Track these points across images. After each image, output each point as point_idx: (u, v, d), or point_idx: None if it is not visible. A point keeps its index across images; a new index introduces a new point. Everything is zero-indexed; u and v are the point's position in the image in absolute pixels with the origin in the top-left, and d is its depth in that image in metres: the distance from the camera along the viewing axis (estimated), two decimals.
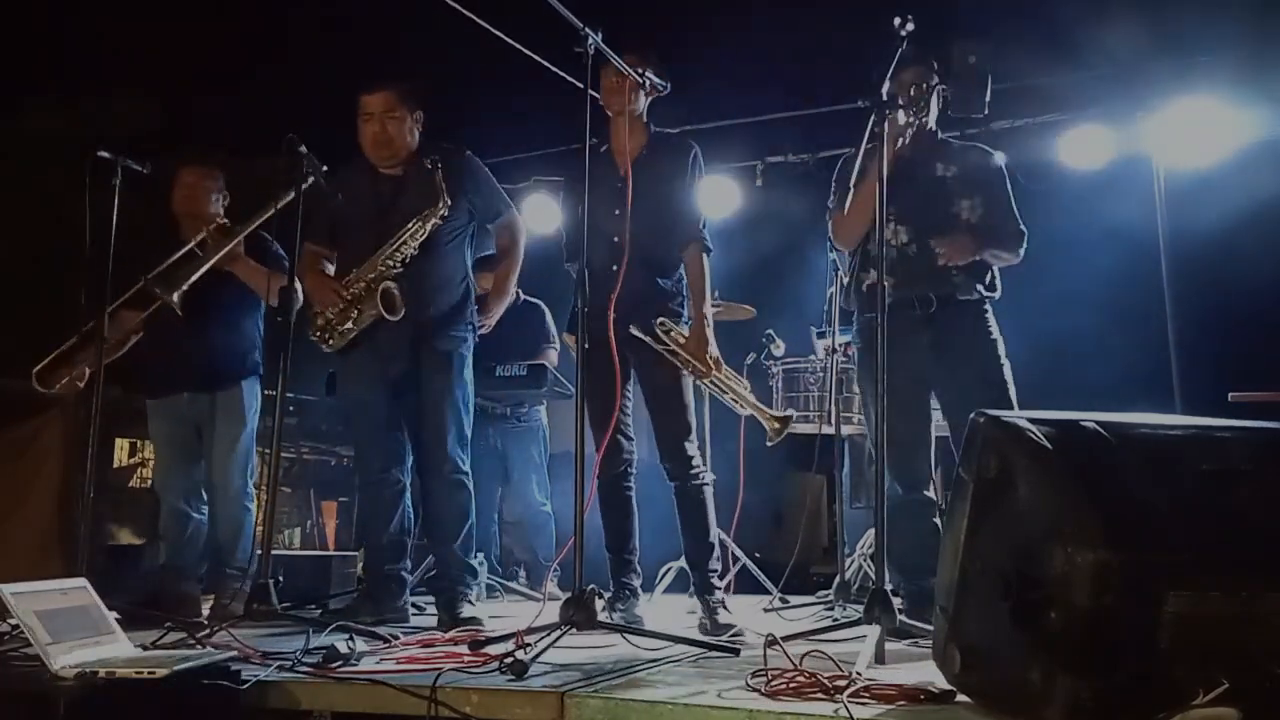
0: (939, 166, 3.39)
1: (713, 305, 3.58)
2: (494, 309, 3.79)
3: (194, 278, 3.63)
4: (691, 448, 3.41)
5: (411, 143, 3.59)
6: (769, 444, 3.73)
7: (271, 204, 3.62)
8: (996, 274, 3.38)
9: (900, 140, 3.26)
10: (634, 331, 3.36)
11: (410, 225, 3.45)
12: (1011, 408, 3.13)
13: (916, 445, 3.29)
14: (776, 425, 3.64)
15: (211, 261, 3.67)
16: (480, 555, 3.70)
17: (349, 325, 3.48)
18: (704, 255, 3.49)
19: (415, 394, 3.54)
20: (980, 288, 3.32)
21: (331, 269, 3.66)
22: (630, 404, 3.50)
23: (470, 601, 3.48)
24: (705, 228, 3.52)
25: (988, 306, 3.35)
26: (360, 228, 3.57)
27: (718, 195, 5.57)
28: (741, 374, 3.91)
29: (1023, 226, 3.36)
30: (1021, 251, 3.35)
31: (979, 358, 3.28)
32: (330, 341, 3.53)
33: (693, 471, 3.40)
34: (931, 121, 3.40)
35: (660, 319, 3.39)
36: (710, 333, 3.41)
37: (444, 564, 3.56)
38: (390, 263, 3.45)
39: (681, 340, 3.40)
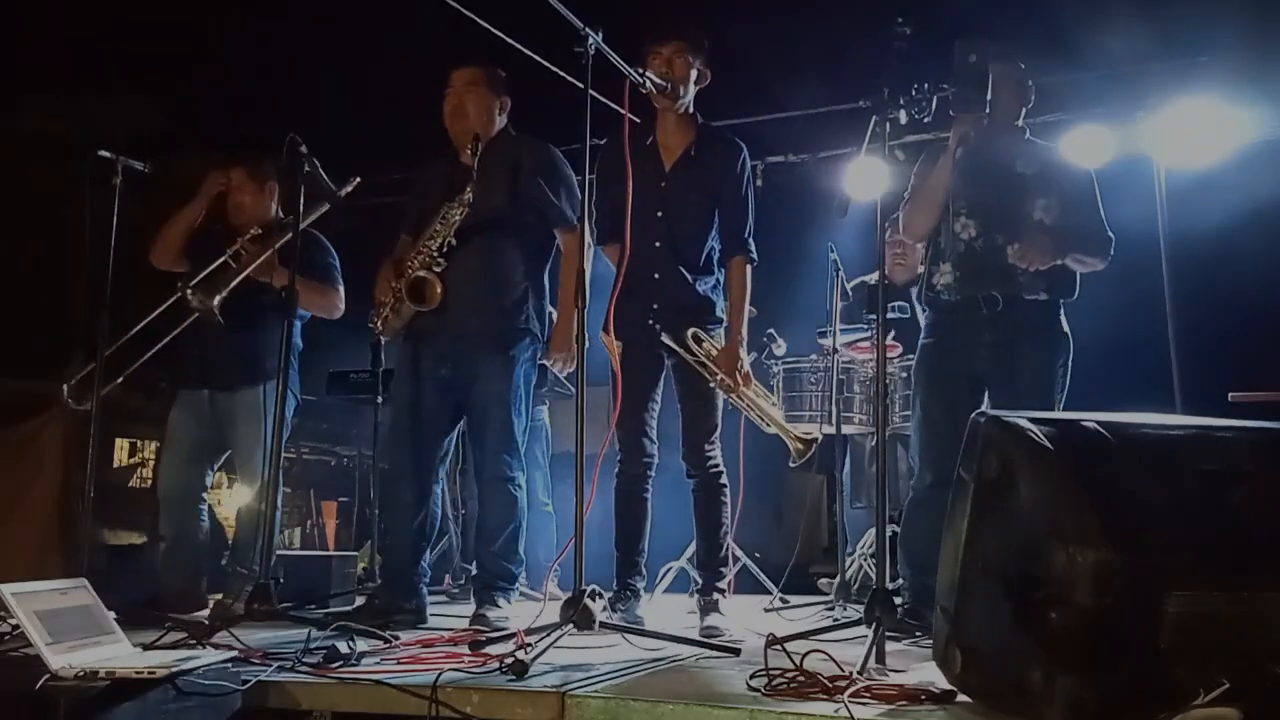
0: (1019, 163, 3.33)
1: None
2: (560, 336, 3.57)
3: (231, 285, 3.66)
4: (712, 448, 3.41)
5: (489, 123, 3.52)
6: (792, 464, 3.70)
7: (308, 215, 3.63)
8: (1076, 277, 3.30)
9: (962, 138, 3.22)
10: (666, 340, 3.34)
11: (441, 210, 3.40)
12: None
13: (959, 442, 3.26)
14: (801, 447, 3.59)
15: (246, 272, 3.68)
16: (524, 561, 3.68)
17: (389, 314, 3.48)
18: (747, 267, 3.43)
19: (465, 394, 3.51)
20: (1046, 290, 3.24)
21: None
22: (658, 405, 3.48)
23: (497, 604, 3.44)
24: (751, 235, 3.45)
25: (1060, 308, 3.29)
26: (430, 214, 3.53)
27: None
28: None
29: (1110, 233, 3.29)
30: (1108, 257, 3.27)
31: (1034, 363, 3.22)
32: (382, 329, 3.53)
33: (712, 469, 3.40)
34: (1019, 119, 3.37)
35: (692, 330, 3.34)
36: (744, 349, 3.38)
37: (481, 565, 3.56)
38: (426, 250, 3.40)
39: (714, 352, 3.36)
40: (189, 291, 3.63)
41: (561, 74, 4.50)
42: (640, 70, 3.16)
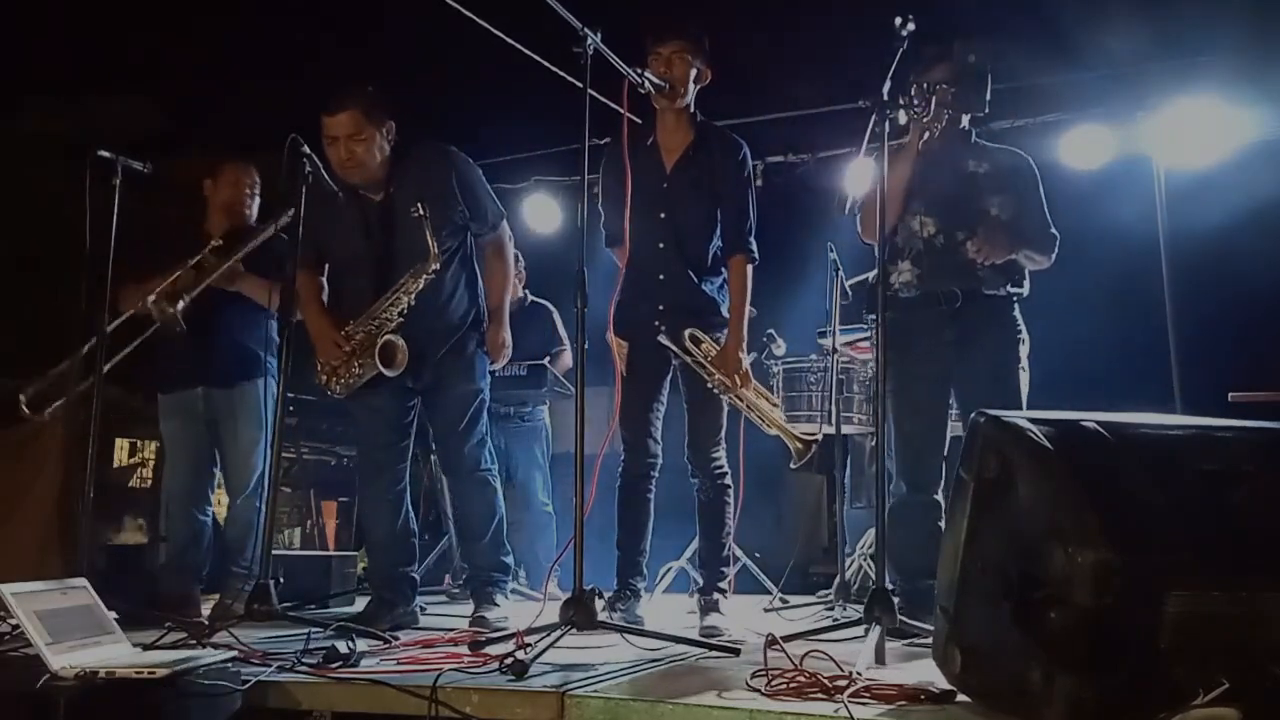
0: (970, 163, 3.37)
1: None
2: (495, 339, 3.57)
3: (194, 292, 3.62)
4: (717, 450, 3.41)
5: (383, 159, 3.41)
6: (793, 466, 3.70)
7: (271, 223, 3.64)
8: (1027, 274, 3.35)
9: (925, 135, 3.24)
10: (663, 341, 3.34)
11: (403, 281, 3.34)
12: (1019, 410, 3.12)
13: (928, 446, 3.27)
14: (800, 447, 3.58)
15: (207, 282, 3.64)
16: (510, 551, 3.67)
17: (352, 378, 3.39)
18: (748, 266, 3.41)
19: (428, 396, 3.51)
20: (1007, 285, 3.30)
21: (325, 295, 3.56)
22: (663, 406, 3.48)
23: (496, 602, 3.45)
24: (753, 233, 3.44)
25: (1015, 304, 3.33)
26: (352, 262, 3.48)
27: None
28: None
29: (1054, 230, 3.34)
30: (1053, 255, 3.32)
31: (997, 357, 3.26)
32: (337, 390, 3.43)
33: (716, 471, 3.40)
34: (965, 120, 3.39)
35: (689, 331, 3.34)
36: (743, 351, 3.36)
37: (472, 562, 3.54)
38: (388, 315, 3.35)
39: (713, 353, 3.34)
40: (149, 301, 3.58)
41: (562, 74, 4.50)
42: (639, 70, 3.15)
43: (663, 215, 3.38)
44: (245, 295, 3.81)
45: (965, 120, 3.39)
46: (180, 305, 3.57)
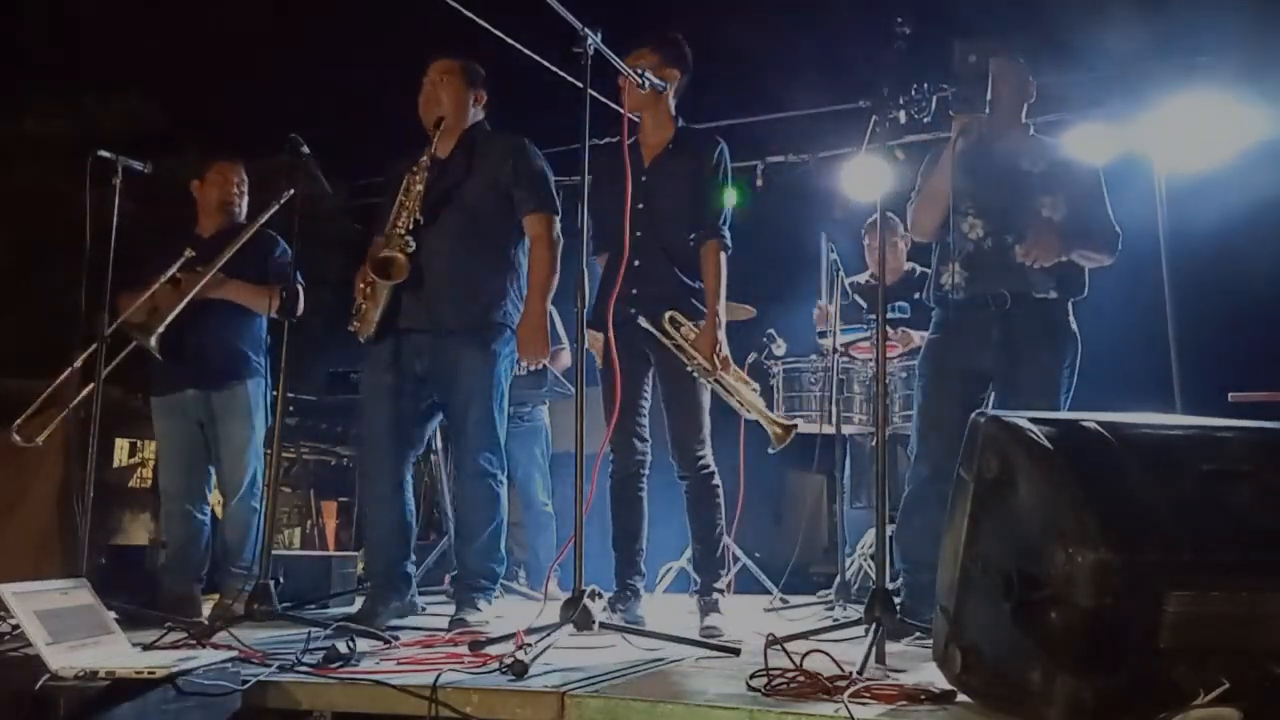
0: (1024, 161, 3.32)
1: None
2: (529, 335, 3.42)
3: (169, 318, 3.60)
4: (701, 448, 3.39)
5: (461, 113, 3.50)
6: (770, 450, 3.70)
7: (245, 232, 3.66)
8: (1085, 274, 3.31)
9: (961, 136, 3.20)
10: (642, 323, 3.34)
11: (402, 185, 3.34)
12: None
13: (957, 434, 3.25)
14: (779, 431, 3.59)
15: (189, 298, 3.63)
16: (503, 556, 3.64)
17: (365, 305, 3.38)
18: (721, 253, 3.43)
19: (439, 385, 3.46)
20: (1055, 288, 3.23)
21: None
22: (648, 403, 3.48)
23: (479, 607, 3.41)
24: (726, 224, 3.47)
25: (1068, 307, 3.28)
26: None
27: None
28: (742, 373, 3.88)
29: (1118, 228, 3.29)
30: (1115, 253, 3.28)
31: (1040, 361, 3.21)
32: (360, 327, 3.41)
33: (701, 468, 3.39)
34: (1022, 115, 3.37)
35: (670, 313, 3.35)
36: (721, 333, 3.37)
37: (462, 565, 3.53)
38: (396, 231, 3.31)
39: (691, 336, 3.35)
40: (134, 334, 3.61)
41: (562, 74, 4.51)
42: (640, 70, 3.17)
43: (640, 206, 3.38)
44: (232, 300, 3.81)
45: (1023, 114, 3.37)
46: (154, 340, 3.57)
